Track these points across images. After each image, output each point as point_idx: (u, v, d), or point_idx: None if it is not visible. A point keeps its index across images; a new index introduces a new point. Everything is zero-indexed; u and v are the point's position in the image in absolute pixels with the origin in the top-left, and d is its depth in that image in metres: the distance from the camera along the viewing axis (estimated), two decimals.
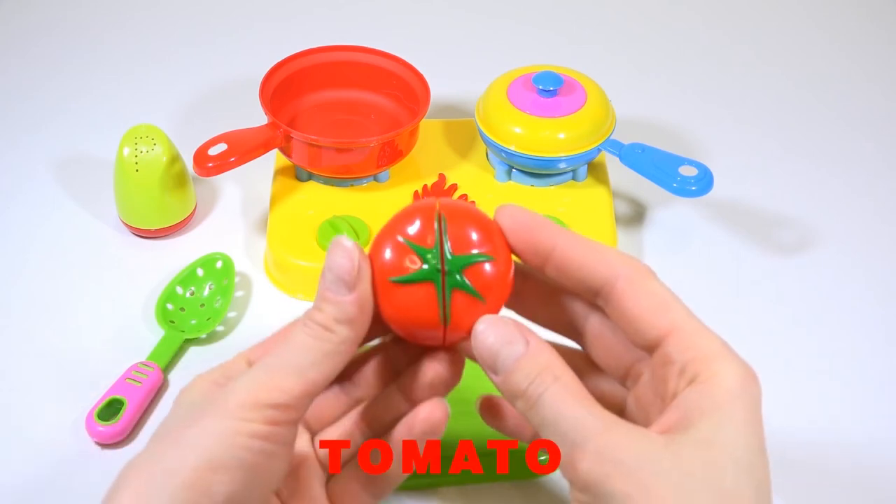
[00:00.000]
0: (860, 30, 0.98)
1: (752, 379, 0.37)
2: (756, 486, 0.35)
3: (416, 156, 0.75)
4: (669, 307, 0.39)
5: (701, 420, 0.36)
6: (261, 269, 0.70)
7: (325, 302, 0.39)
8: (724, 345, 0.38)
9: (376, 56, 0.77)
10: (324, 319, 0.39)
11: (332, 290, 0.39)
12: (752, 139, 0.84)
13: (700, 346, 0.37)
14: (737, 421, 0.36)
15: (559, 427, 0.37)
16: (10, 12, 0.95)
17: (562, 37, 0.95)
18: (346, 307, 0.39)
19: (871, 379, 0.65)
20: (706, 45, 0.95)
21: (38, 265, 0.70)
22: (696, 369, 0.37)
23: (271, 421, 0.38)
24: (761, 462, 0.36)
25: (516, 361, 0.38)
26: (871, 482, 0.59)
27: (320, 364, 0.39)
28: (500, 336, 0.38)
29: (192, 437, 0.38)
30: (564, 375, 0.38)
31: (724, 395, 0.36)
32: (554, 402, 0.37)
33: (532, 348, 0.38)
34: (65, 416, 0.59)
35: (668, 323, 0.38)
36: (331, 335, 0.39)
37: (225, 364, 0.44)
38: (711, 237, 0.74)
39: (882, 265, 0.73)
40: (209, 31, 0.94)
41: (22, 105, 0.85)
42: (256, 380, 0.39)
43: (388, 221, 0.42)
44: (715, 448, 0.35)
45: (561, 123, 0.71)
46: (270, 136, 0.69)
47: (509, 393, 0.38)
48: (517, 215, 0.41)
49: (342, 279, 0.39)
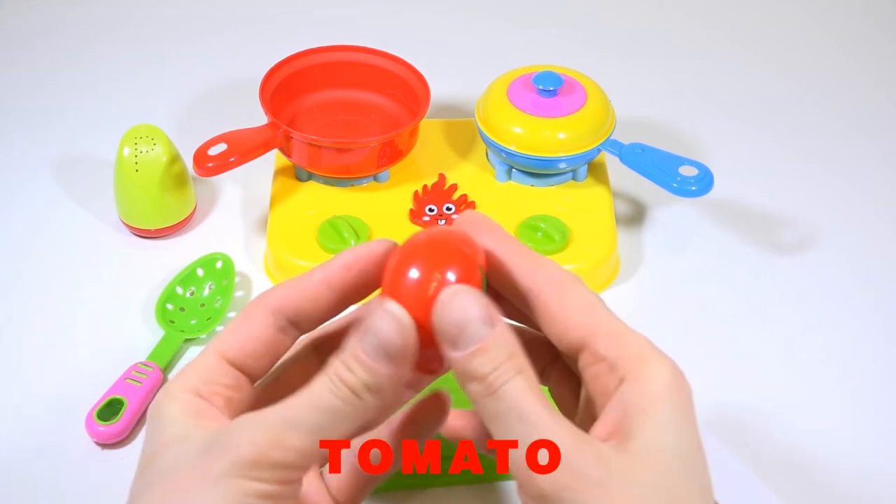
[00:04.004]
0: (860, 30, 0.98)
1: (681, 376, 0.37)
2: (700, 487, 0.36)
3: (416, 156, 0.75)
4: (594, 309, 0.38)
5: (643, 423, 0.35)
6: (261, 269, 0.70)
7: (357, 364, 0.36)
8: (650, 343, 0.37)
9: (376, 56, 0.77)
10: (355, 383, 0.36)
11: (370, 355, 0.35)
12: (752, 139, 0.84)
13: (627, 343, 0.37)
14: (677, 421, 0.36)
15: (518, 424, 0.35)
16: (10, 12, 0.95)
17: (562, 37, 0.95)
18: (382, 379, 0.36)
19: (871, 378, 0.65)
20: (706, 44, 0.95)
21: (39, 265, 0.70)
22: (625, 367, 0.36)
23: (279, 480, 0.35)
24: (701, 461, 0.36)
25: (482, 342, 0.35)
26: (871, 482, 0.59)
27: (339, 427, 0.36)
28: (468, 310, 0.36)
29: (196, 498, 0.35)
30: (527, 370, 0.36)
31: (660, 393, 0.36)
32: (517, 396, 0.35)
33: (498, 332, 0.36)
34: (65, 416, 0.59)
35: (592, 322, 0.37)
36: (357, 400, 0.36)
37: (197, 364, 0.39)
38: (711, 237, 0.74)
39: (882, 265, 0.73)
40: (209, 31, 0.94)
41: (22, 105, 0.85)
42: (270, 435, 0.35)
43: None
44: (665, 454, 0.35)
45: (561, 123, 0.71)
46: (270, 136, 0.69)
47: (467, 373, 0.36)
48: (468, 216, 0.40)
49: (387, 351, 0.35)
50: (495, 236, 0.39)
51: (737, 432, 0.60)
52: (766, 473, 0.57)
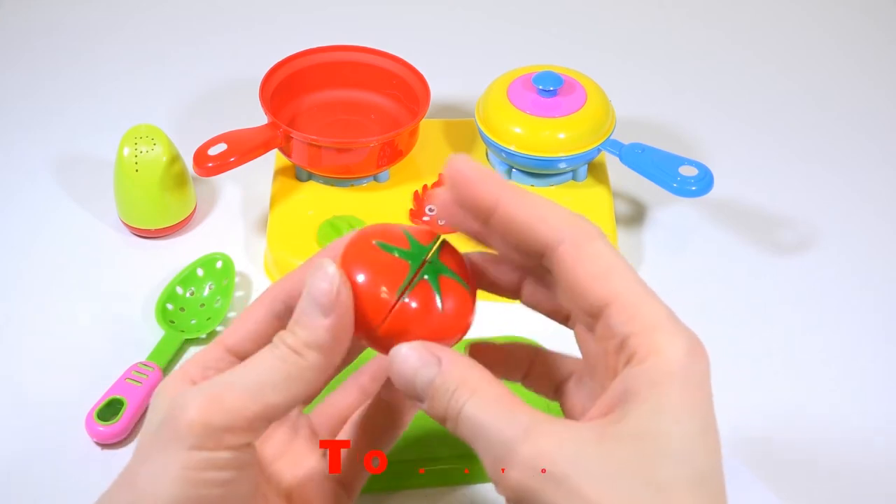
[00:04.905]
0: (860, 30, 0.98)
1: (696, 353, 0.34)
2: (697, 474, 0.33)
3: (416, 156, 0.75)
4: (612, 273, 0.36)
5: (636, 407, 0.33)
6: (261, 269, 0.70)
7: (297, 325, 0.37)
8: (670, 315, 0.35)
9: (376, 56, 0.77)
10: (294, 342, 0.37)
11: (306, 313, 0.37)
12: (752, 139, 0.84)
13: (642, 316, 0.35)
14: (675, 405, 0.33)
15: (481, 442, 0.35)
16: (9, 12, 0.95)
17: (562, 37, 0.95)
18: (319, 332, 0.37)
19: (871, 378, 0.65)
20: (706, 44, 0.95)
21: (39, 265, 0.70)
22: (635, 344, 0.34)
23: (223, 446, 0.36)
24: (705, 447, 0.33)
25: (432, 383, 0.36)
26: (871, 480, 0.59)
27: (281, 388, 0.37)
28: (411, 362, 0.36)
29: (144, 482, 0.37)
30: (482, 385, 0.35)
31: (663, 375, 0.33)
32: (473, 416, 0.35)
33: (445, 366, 0.36)
34: (65, 416, 0.59)
35: (609, 291, 0.35)
36: (297, 359, 0.37)
37: (199, 354, 0.42)
38: (711, 237, 0.74)
39: (882, 265, 0.73)
40: (209, 31, 0.94)
41: (22, 105, 0.85)
42: (208, 396, 0.37)
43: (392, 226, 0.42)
44: (647, 440, 0.33)
45: (561, 123, 0.71)
46: (270, 136, 0.69)
47: (436, 418, 0.36)
48: (462, 167, 0.37)
49: (318, 302, 0.37)
50: (493, 187, 0.37)
51: (736, 432, 0.60)
52: (765, 473, 0.57)
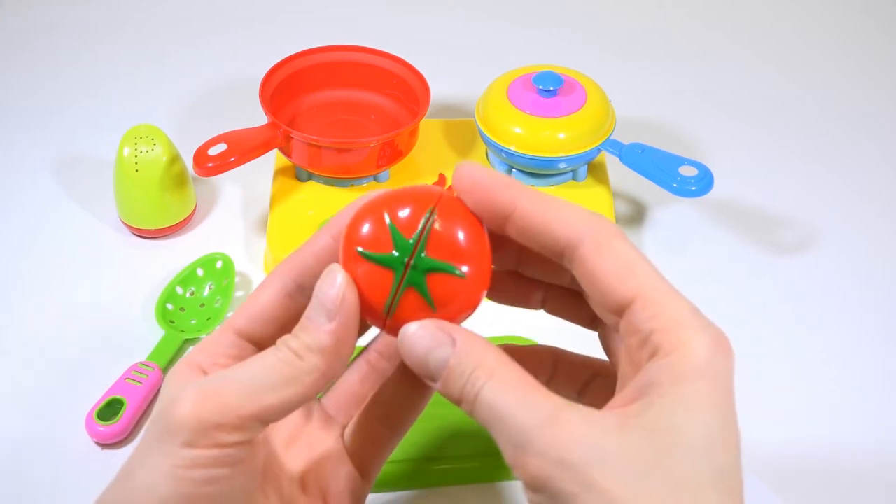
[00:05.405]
0: (860, 30, 0.98)
1: (721, 349, 0.34)
2: (716, 471, 0.33)
3: (416, 156, 0.75)
4: (635, 270, 0.35)
5: (659, 400, 0.33)
6: (261, 269, 0.70)
7: (301, 329, 0.37)
8: (694, 311, 0.35)
9: (376, 56, 0.77)
10: (296, 345, 0.37)
11: (311, 317, 0.37)
12: (752, 139, 0.84)
13: (666, 312, 0.35)
14: (697, 400, 0.33)
15: (500, 427, 0.34)
16: (9, 12, 0.95)
17: (562, 37, 0.95)
18: (322, 336, 0.37)
19: (871, 378, 0.65)
20: (706, 44, 0.95)
21: (38, 265, 0.70)
22: (659, 339, 0.34)
23: (215, 443, 0.36)
24: (725, 443, 0.34)
25: (447, 364, 0.36)
26: (871, 482, 0.59)
27: (279, 389, 0.37)
28: (423, 343, 0.36)
29: (139, 478, 0.37)
30: (500, 368, 0.35)
31: (687, 370, 0.33)
32: (491, 400, 0.34)
33: (460, 346, 0.36)
34: (65, 416, 0.59)
35: (632, 288, 0.35)
36: (298, 361, 0.37)
37: (208, 339, 0.41)
38: (711, 237, 0.74)
39: (882, 265, 0.73)
40: (209, 31, 0.94)
41: (22, 105, 0.85)
42: (204, 392, 0.36)
43: (391, 192, 0.40)
44: (668, 434, 0.33)
45: (561, 123, 0.71)
46: (270, 136, 0.69)
47: (451, 400, 0.36)
48: (475, 175, 0.37)
49: (324, 307, 0.37)
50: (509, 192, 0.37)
51: None
52: (765, 473, 0.57)
